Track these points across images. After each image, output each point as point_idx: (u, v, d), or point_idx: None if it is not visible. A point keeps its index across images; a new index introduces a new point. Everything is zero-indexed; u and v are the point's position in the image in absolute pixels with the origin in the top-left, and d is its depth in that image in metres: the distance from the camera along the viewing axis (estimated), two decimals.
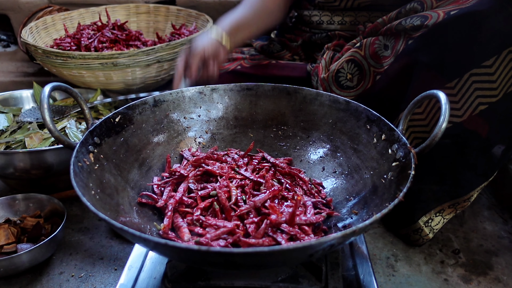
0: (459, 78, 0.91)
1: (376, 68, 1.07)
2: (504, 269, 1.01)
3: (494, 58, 0.88)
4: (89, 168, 0.78)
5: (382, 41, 1.06)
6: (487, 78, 0.89)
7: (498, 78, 0.89)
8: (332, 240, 0.58)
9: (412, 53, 0.97)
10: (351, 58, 1.11)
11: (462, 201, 1.01)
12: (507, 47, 0.87)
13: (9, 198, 1.07)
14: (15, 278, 0.96)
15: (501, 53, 0.88)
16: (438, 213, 1.03)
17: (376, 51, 1.07)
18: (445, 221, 1.04)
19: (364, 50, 1.09)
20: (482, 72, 0.89)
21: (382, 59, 1.05)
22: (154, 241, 0.59)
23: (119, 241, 1.07)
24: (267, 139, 1.05)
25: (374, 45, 1.07)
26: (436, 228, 1.03)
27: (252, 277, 0.77)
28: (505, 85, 0.89)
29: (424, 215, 1.03)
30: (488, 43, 0.89)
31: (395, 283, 0.96)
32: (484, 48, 0.89)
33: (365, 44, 1.09)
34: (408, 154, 0.76)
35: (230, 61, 1.38)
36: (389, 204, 0.64)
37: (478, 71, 0.90)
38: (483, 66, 0.89)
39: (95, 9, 1.80)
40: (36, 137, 1.19)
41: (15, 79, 1.82)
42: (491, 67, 0.89)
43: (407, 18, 1.00)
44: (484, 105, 0.91)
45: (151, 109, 0.98)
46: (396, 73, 1.01)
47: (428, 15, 0.96)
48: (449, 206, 1.02)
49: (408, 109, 0.83)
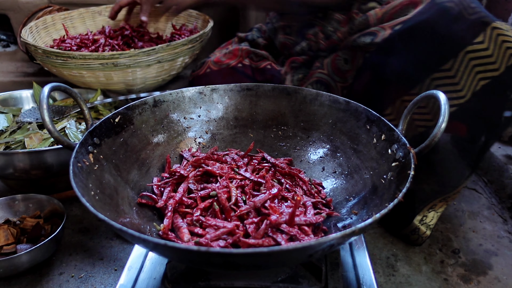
0: (422, 83, 0.95)
1: (342, 83, 1.12)
2: (503, 269, 1.01)
3: (452, 61, 0.91)
4: (88, 168, 0.78)
5: (342, 56, 1.12)
6: (449, 81, 0.90)
7: (461, 79, 0.91)
8: (331, 241, 0.58)
9: (372, 67, 1.02)
10: (318, 79, 1.17)
11: (452, 194, 1.02)
12: (462, 49, 0.90)
13: (9, 199, 1.07)
14: (15, 278, 0.96)
15: (457, 56, 0.90)
16: (431, 208, 1.04)
17: (338, 66, 1.12)
18: (438, 214, 1.05)
19: (326, 68, 1.16)
20: (443, 76, 0.92)
21: (346, 73, 1.11)
22: (153, 242, 0.59)
23: (119, 242, 1.07)
24: (267, 139, 1.05)
25: (335, 61, 1.13)
26: (431, 224, 1.04)
27: (252, 278, 0.77)
28: (471, 85, 0.91)
29: (418, 214, 1.03)
30: (442, 49, 0.92)
31: (395, 283, 0.96)
32: (439, 53, 0.92)
33: (327, 63, 1.16)
34: (407, 154, 0.76)
35: (228, 57, 1.39)
36: (388, 204, 0.64)
37: (438, 75, 0.93)
38: (443, 70, 0.92)
39: (95, 9, 1.80)
40: (36, 138, 1.19)
41: (15, 79, 1.82)
42: (450, 70, 0.91)
43: (360, 36, 1.05)
44: (453, 107, 0.92)
45: (151, 109, 0.98)
46: (362, 86, 1.06)
47: (377, 32, 1.01)
48: (440, 200, 1.03)
49: (407, 109, 0.83)
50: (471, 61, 0.90)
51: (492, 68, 0.89)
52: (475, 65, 0.90)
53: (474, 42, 0.89)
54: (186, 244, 0.74)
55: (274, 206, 0.79)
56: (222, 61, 1.38)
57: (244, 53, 1.40)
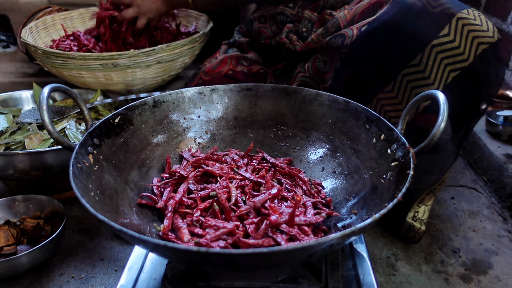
0: (394, 80, 0.96)
1: (323, 84, 1.13)
2: (504, 268, 1.01)
3: (420, 55, 0.91)
4: (88, 169, 0.78)
5: (321, 58, 1.13)
6: (420, 76, 0.91)
7: (431, 73, 0.91)
8: (331, 241, 0.58)
9: (347, 68, 1.03)
10: (301, 82, 1.19)
11: (438, 185, 1.03)
12: (427, 44, 0.91)
13: (9, 200, 1.07)
14: (15, 279, 0.96)
15: (424, 50, 0.91)
16: (420, 203, 1.04)
17: (318, 68, 1.14)
18: (429, 207, 1.05)
19: (308, 71, 1.17)
20: (413, 71, 0.93)
21: (325, 75, 1.11)
22: (153, 243, 0.59)
23: (120, 242, 1.07)
24: (267, 139, 1.05)
25: (316, 63, 1.14)
26: (424, 218, 1.04)
27: (252, 278, 0.77)
28: (441, 78, 0.91)
29: (409, 211, 1.04)
30: (408, 44, 0.92)
31: (395, 283, 0.96)
32: (406, 50, 0.93)
33: (307, 67, 1.17)
34: (407, 154, 0.76)
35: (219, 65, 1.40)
36: (388, 204, 0.64)
37: (408, 71, 0.93)
38: (412, 65, 0.93)
39: (95, 9, 1.80)
40: (36, 138, 1.19)
41: (14, 80, 1.82)
42: (419, 64, 0.92)
43: (332, 37, 1.06)
44: (426, 101, 0.92)
45: (150, 110, 0.98)
46: (340, 87, 1.06)
47: (345, 33, 1.02)
48: (427, 193, 1.04)
49: (407, 109, 0.83)
50: (439, 54, 0.90)
51: (460, 59, 0.90)
52: (443, 57, 0.90)
53: (439, 35, 0.90)
54: (186, 244, 0.74)
55: (274, 206, 0.79)
56: (214, 70, 1.39)
57: (234, 60, 1.41)
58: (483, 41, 0.89)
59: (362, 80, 1.01)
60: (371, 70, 0.99)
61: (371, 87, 1.00)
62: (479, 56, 0.89)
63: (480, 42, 0.89)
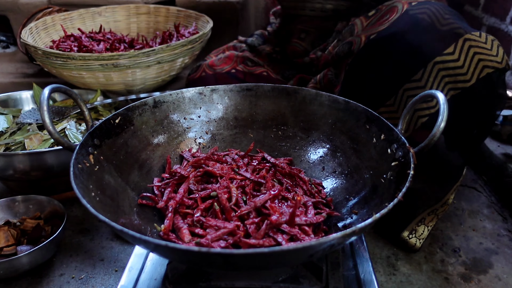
0: (395, 95, 0.95)
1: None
2: (504, 267, 1.01)
3: (421, 71, 0.91)
4: (89, 169, 0.78)
5: (333, 71, 1.13)
6: (420, 91, 0.90)
7: (431, 89, 0.89)
8: (332, 240, 0.58)
9: (351, 80, 1.03)
10: None
11: (440, 206, 1.01)
12: (430, 60, 0.90)
13: (9, 200, 1.07)
14: (15, 280, 0.96)
15: (426, 66, 0.90)
16: (420, 222, 1.02)
17: (330, 80, 1.14)
18: (429, 228, 1.03)
19: (319, 83, 1.17)
20: (414, 86, 0.92)
21: (335, 88, 1.11)
22: (154, 243, 0.59)
23: (120, 242, 1.07)
24: (267, 139, 1.05)
25: (328, 76, 1.15)
26: (422, 237, 1.03)
27: (252, 278, 0.77)
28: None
29: (405, 228, 1.02)
30: (411, 59, 0.92)
31: (395, 282, 0.96)
32: (409, 64, 0.92)
33: (319, 79, 1.17)
34: (407, 153, 0.76)
35: (223, 61, 1.39)
36: (388, 204, 0.65)
37: (409, 86, 0.93)
38: (413, 80, 0.92)
39: (95, 10, 1.80)
40: (36, 139, 1.19)
41: (14, 80, 1.82)
42: (420, 80, 0.91)
43: (340, 45, 1.06)
44: (423, 117, 0.92)
45: (151, 110, 0.98)
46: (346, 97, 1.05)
47: (353, 41, 1.02)
48: (429, 214, 1.02)
49: (407, 109, 0.83)
50: (440, 71, 0.89)
51: (462, 79, 0.89)
52: (444, 75, 0.89)
53: (443, 53, 0.89)
54: (186, 245, 0.74)
55: (274, 206, 0.79)
56: (217, 65, 1.39)
57: (240, 59, 1.40)
58: (489, 65, 0.88)
59: (363, 93, 1.00)
60: (373, 83, 0.98)
61: (372, 101, 0.98)
62: (483, 79, 0.88)
63: (485, 65, 0.88)
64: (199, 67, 1.43)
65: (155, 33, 1.83)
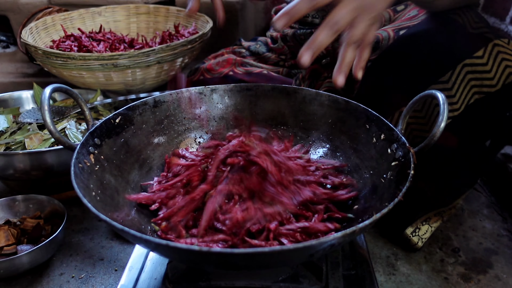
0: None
1: (350, 93, 1.09)
2: (504, 267, 1.01)
3: (450, 73, 0.89)
4: (89, 169, 0.78)
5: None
6: (446, 94, 0.89)
7: (457, 92, 0.89)
8: (332, 240, 0.59)
9: (373, 75, 1.00)
10: (327, 89, 1.14)
11: (448, 209, 1.02)
12: (460, 61, 0.89)
13: (9, 199, 1.08)
14: (15, 279, 0.96)
15: (455, 68, 0.89)
16: (424, 221, 1.03)
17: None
18: (432, 229, 1.03)
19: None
20: (440, 88, 0.90)
21: (352, 85, 1.07)
22: (155, 242, 0.59)
23: (119, 242, 1.07)
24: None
25: None
26: (424, 237, 1.03)
27: (252, 277, 0.77)
28: (465, 98, 0.89)
29: (410, 225, 1.02)
30: (440, 59, 0.90)
31: (395, 282, 0.96)
32: (438, 64, 0.90)
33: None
34: (407, 153, 0.76)
35: (221, 65, 1.38)
36: (388, 204, 0.65)
37: (436, 87, 0.91)
38: (441, 82, 0.90)
39: (95, 10, 1.80)
40: (36, 138, 1.19)
41: (14, 80, 1.82)
42: (447, 82, 0.90)
43: None
44: (448, 119, 0.91)
45: (151, 110, 0.98)
46: (365, 95, 1.03)
47: (379, 35, 0.98)
48: (435, 214, 1.02)
49: (407, 109, 0.83)
50: (468, 74, 0.89)
51: (488, 83, 0.88)
52: (471, 78, 0.89)
53: (473, 56, 0.88)
54: (187, 244, 0.74)
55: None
56: (215, 69, 1.37)
57: (238, 62, 1.40)
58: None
59: (385, 91, 0.98)
60: (398, 80, 0.96)
61: (395, 99, 0.96)
62: (508, 85, 0.88)
63: (511, 72, 0.87)
64: (197, 69, 1.43)
65: (155, 33, 1.83)
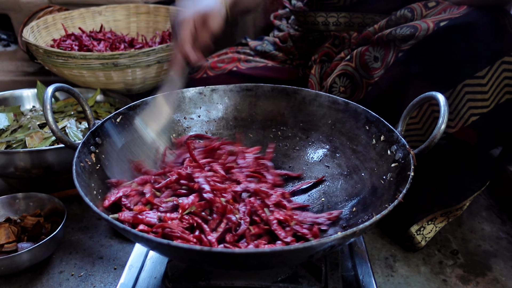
0: (453, 89, 0.91)
1: (367, 79, 1.07)
2: (502, 270, 1.01)
3: (487, 69, 0.89)
4: (90, 168, 0.78)
5: (372, 53, 1.05)
6: (479, 89, 0.89)
7: (490, 89, 0.89)
8: (332, 241, 0.59)
9: (403, 65, 0.98)
10: (343, 72, 1.11)
11: (455, 210, 1.02)
12: (499, 58, 0.88)
13: (10, 197, 1.08)
14: (16, 277, 0.97)
15: (493, 64, 0.88)
16: (430, 221, 1.03)
17: (366, 62, 1.06)
18: (437, 229, 1.04)
19: (354, 61, 1.09)
20: (475, 83, 0.90)
21: (372, 71, 1.05)
22: (156, 241, 0.59)
23: (119, 240, 1.07)
24: (266, 140, 1.05)
25: (365, 56, 1.06)
26: (428, 236, 1.03)
27: (252, 277, 0.78)
28: (497, 96, 0.89)
29: (416, 223, 1.02)
30: (480, 54, 0.89)
31: (393, 284, 0.96)
32: (476, 59, 0.89)
33: (355, 55, 1.09)
34: (407, 155, 0.76)
35: (226, 62, 1.38)
36: (388, 205, 0.65)
37: (471, 82, 0.90)
38: (476, 77, 0.89)
39: (96, 9, 1.80)
40: (37, 137, 1.19)
41: (15, 79, 1.82)
42: (483, 78, 0.89)
43: (397, 28, 0.99)
44: (475, 116, 0.91)
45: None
46: (387, 84, 1.01)
47: (418, 26, 0.95)
48: (441, 214, 1.03)
49: (407, 111, 0.84)
50: (504, 72, 0.88)
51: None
52: (507, 77, 0.88)
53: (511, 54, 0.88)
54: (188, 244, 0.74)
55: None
56: (219, 67, 1.36)
57: (243, 59, 1.40)
58: None
59: (416, 81, 0.95)
60: (432, 72, 0.94)
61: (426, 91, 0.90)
62: None
63: None
64: (200, 67, 1.42)
65: (155, 33, 1.83)
